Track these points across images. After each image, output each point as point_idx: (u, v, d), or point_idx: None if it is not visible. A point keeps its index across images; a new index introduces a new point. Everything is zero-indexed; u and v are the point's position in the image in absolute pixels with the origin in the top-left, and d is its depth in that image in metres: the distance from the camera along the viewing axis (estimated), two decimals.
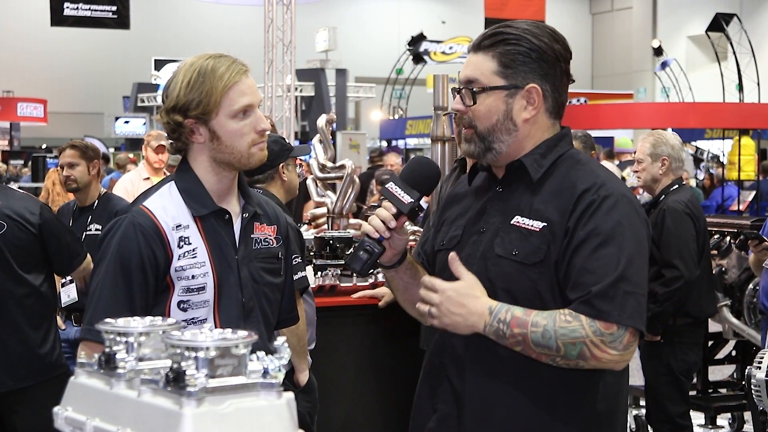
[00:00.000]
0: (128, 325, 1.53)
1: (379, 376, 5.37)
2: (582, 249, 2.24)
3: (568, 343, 2.19)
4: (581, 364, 2.22)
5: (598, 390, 2.33)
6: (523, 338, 2.22)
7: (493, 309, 2.25)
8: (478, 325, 2.26)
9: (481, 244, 2.38)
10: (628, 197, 2.33)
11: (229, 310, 2.60)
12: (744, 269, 6.46)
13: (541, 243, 2.29)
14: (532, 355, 2.24)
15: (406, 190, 2.37)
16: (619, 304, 2.20)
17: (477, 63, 2.39)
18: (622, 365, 2.26)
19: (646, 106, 24.96)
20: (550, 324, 2.20)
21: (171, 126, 2.58)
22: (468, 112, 2.39)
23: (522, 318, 2.22)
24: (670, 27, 34.81)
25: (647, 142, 5.62)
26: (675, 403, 5.50)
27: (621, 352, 2.21)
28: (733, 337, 6.57)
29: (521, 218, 2.33)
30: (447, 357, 2.42)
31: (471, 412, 2.36)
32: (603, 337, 2.19)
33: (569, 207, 2.28)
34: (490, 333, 2.25)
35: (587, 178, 2.32)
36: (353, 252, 2.40)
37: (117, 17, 20.90)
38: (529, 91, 2.36)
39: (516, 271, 2.30)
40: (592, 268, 2.22)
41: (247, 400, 1.44)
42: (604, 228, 2.24)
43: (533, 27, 2.39)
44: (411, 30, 30.73)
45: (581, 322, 2.19)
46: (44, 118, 29.33)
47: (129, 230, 2.54)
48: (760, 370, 4.21)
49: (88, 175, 5.65)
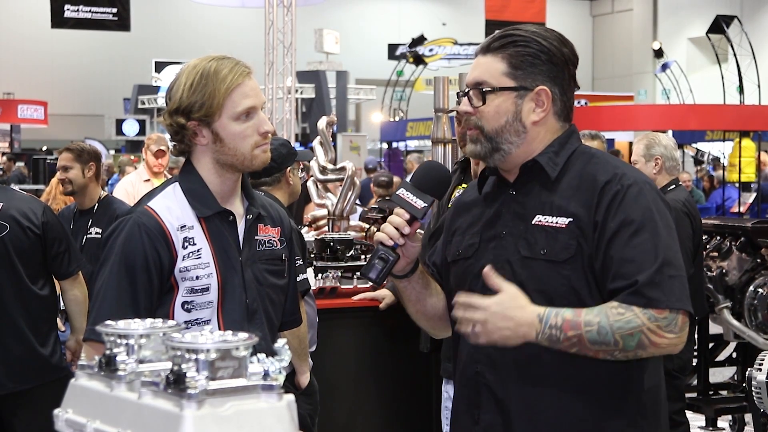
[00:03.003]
0: (129, 327, 1.53)
1: (380, 378, 5.37)
2: (617, 240, 2.24)
3: (626, 335, 2.19)
4: (640, 353, 2.22)
5: (642, 381, 2.33)
6: (578, 339, 2.20)
7: (542, 316, 2.22)
8: (530, 335, 2.22)
9: (503, 248, 2.35)
10: (650, 183, 2.34)
11: (233, 311, 2.60)
12: (744, 271, 6.46)
13: (570, 239, 2.27)
14: (590, 353, 2.22)
15: (418, 196, 2.35)
16: (667, 288, 2.20)
17: (486, 65, 2.38)
18: (680, 347, 2.25)
19: (647, 108, 24.97)
20: (603, 320, 2.19)
21: (174, 128, 2.58)
22: (476, 113, 2.38)
23: (573, 320, 2.20)
24: (671, 29, 34.81)
25: (641, 143, 5.83)
26: (670, 401, 5.49)
27: (678, 334, 2.21)
28: (734, 339, 6.57)
29: (543, 217, 2.32)
30: (483, 365, 2.38)
31: (518, 419, 2.33)
32: (659, 322, 2.19)
33: (593, 200, 2.28)
34: (542, 341, 2.22)
35: (606, 170, 2.32)
36: (368, 261, 2.37)
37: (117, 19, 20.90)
38: (539, 93, 2.36)
39: (547, 270, 2.29)
40: (630, 257, 2.22)
41: (247, 402, 1.44)
42: (635, 216, 2.25)
43: (542, 30, 2.40)
44: (411, 32, 30.72)
45: (634, 312, 2.19)
46: (45, 120, 29.31)
47: (134, 231, 2.54)
48: (761, 372, 4.21)
49: (83, 177, 5.64)
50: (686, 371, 5.82)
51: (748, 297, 6.42)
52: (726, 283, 6.55)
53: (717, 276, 6.54)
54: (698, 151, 25.42)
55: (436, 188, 2.38)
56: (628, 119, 20.24)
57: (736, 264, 6.52)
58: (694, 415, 6.56)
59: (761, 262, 6.45)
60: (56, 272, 4.69)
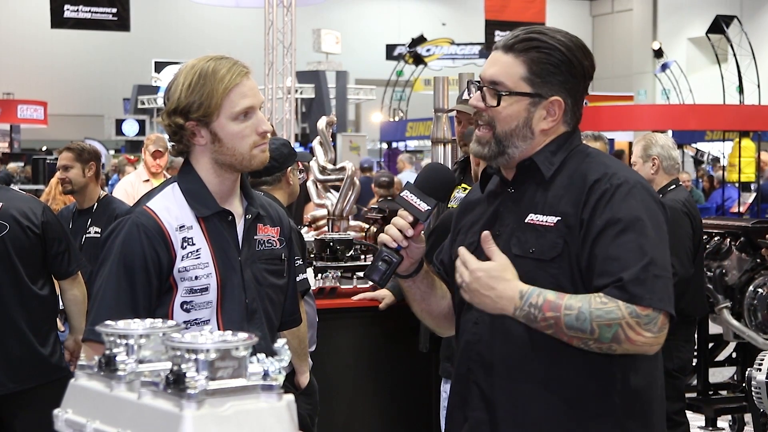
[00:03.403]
0: (128, 327, 1.53)
1: (380, 377, 5.38)
2: (602, 238, 2.24)
3: (604, 325, 2.18)
4: (614, 347, 2.21)
5: (629, 382, 2.32)
6: (555, 321, 2.20)
7: (524, 293, 2.23)
8: (508, 308, 2.24)
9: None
10: (642, 183, 2.32)
11: (232, 311, 2.60)
12: (744, 271, 6.46)
13: (557, 237, 2.28)
14: (564, 338, 2.22)
15: (422, 198, 2.36)
16: (652, 287, 2.20)
17: (506, 64, 2.37)
18: (655, 348, 2.25)
19: (647, 108, 24.96)
20: (585, 306, 2.19)
21: (172, 128, 2.58)
22: (488, 111, 2.38)
23: (555, 301, 2.21)
24: (671, 29, 34.80)
25: (639, 145, 5.84)
26: (671, 401, 5.50)
27: (656, 334, 2.21)
28: (734, 339, 6.57)
29: (535, 215, 2.33)
30: (474, 363, 2.40)
31: (503, 416, 2.34)
32: (639, 318, 2.18)
33: (581, 198, 2.28)
34: (519, 317, 2.24)
35: (597, 169, 2.32)
36: (372, 263, 2.38)
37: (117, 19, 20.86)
38: (552, 103, 2.36)
39: (535, 268, 2.29)
40: (616, 256, 2.22)
41: (247, 402, 1.44)
42: (622, 215, 2.24)
43: (566, 39, 2.38)
44: (411, 32, 30.71)
45: (617, 305, 2.19)
46: (44, 120, 29.28)
47: (132, 231, 2.54)
48: (761, 372, 4.21)
49: (83, 177, 5.66)
50: (686, 371, 5.83)
51: (747, 297, 6.42)
52: (726, 283, 6.54)
53: (717, 276, 6.54)
54: (698, 151, 25.40)
55: (439, 191, 2.39)
56: (627, 119, 20.22)
57: (736, 264, 6.52)
58: (693, 415, 6.56)
59: (761, 262, 6.45)
60: (56, 272, 4.69)
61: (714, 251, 6.62)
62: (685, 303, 5.45)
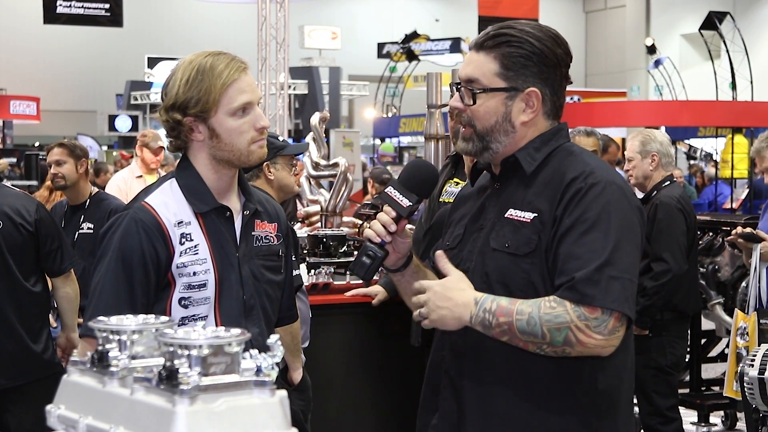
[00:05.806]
0: (121, 323, 1.53)
1: (373, 373, 5.38)
2: (568, 236, 2.25)
3: (554, 329, 2.19)
4: (567, 350, 2.22)
5: (596, 381, 2.33)
6: (509, 327, 2.22)
7: (478, 300, 2.25)
8: (464, 316, 2.26)
9: (479, 240, 2.39)
10: (617, 183, 2.32)
11: (230, 307, 2.60)
12: (737, 267, 6.48)
13: (532, 234, 2.30)
14: (519, 344, 2.23)
15: (404, 194, 2.38)
16: (604, 288, 2.19)
17: (479, 63, 2.39)
18: (608, 351, 2.24)
19: (640, 104, 24.99)
20: (534, 311, 2.20)
21: (170, 124, 2.58)
22: (467, 110, 2.40)
23: (507, 307, 2.22)
24: (664, 25, 34.84)
25: (636, 140, 5.72)
26: (664, 397, 5.54)
27: (606, 337, 2.20)
28: (726, 335, 6.58)
29: (514, 211, 2.34)
30: (447, 352, 2.43)
31: (471, 410, 2.36)
32: (588, 321, 2.19)
33: (558, 196, 2.29)
34: (476, 324, 2.25)
35: (576, 167, 2.33)
36: (356, 258, 2.40)
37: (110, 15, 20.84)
38: (529, 94, 2.37)
39: (509, 263, 2.31)
40: (577, 255, 2.22)
41: (240, 398, 1.44)
42: (590, 214, 2.25)
43: (536, 30, 2.39)
44: (405, 28, 30.72)
45: (565, 308, 2.19)
46: (37, 116, 29.22)
47: (131, 226, 2.54)
48: (753, 368, 4.22)
49: (75, 173, 5.67)
50: (679, 367, 5.84)
51: (740, 293, 6.42)
52: (718, 279, 6.56)
53: (709, 272, 6.55)
54: (691, 147, 25.45)
55: (421, 187, 2.41)
56: (620, 115, 20.26)
57: (729, 260, 6.54)
58: (686, 411, 6.56)
59: None
60: (48, 269, 4.69)
61: (707, 247, 6.64)
62: (678, 299, 5.46)
